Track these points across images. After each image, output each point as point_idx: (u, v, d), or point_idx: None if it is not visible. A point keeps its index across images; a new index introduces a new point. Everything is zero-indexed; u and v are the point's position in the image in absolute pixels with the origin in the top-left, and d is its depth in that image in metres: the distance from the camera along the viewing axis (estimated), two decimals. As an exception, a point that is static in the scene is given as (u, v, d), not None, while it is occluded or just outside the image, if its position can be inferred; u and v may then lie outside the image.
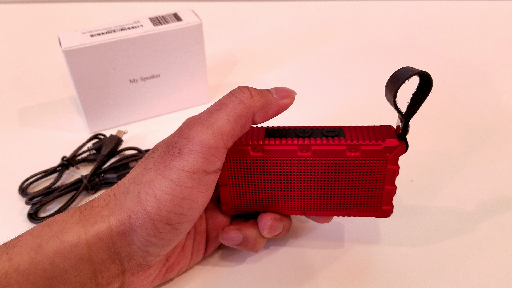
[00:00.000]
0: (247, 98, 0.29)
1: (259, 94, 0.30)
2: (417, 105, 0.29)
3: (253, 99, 0.30)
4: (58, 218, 0.29)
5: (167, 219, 0.28)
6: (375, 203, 0.33)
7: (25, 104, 0.57)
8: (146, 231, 0.28)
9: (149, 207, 0.28)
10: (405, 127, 0.30)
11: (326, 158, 0.32)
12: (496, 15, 0.74)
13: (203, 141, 0.28)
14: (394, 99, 0.28)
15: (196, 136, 0.28)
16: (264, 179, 0.33)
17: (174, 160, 0.28)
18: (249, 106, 0.29)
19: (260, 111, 0.30)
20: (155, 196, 0.28)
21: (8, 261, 0.26)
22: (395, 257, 0.37)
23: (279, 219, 0.34)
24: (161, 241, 0.29)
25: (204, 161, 0.28)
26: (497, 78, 0.59)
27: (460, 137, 0.49)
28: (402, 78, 0.27)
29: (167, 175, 0.28)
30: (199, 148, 0.28)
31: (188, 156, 0.28)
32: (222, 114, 0.29)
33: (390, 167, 0.32)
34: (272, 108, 0.30)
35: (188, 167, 0.28)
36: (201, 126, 0.29)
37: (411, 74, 0.27)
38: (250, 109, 0.29)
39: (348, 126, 0.33)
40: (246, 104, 0.29)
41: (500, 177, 0.44)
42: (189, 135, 0.28)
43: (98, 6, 0.81)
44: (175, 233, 0.29)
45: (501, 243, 0.37)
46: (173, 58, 0.51)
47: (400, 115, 0.30)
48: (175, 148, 0.29)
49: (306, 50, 0.67)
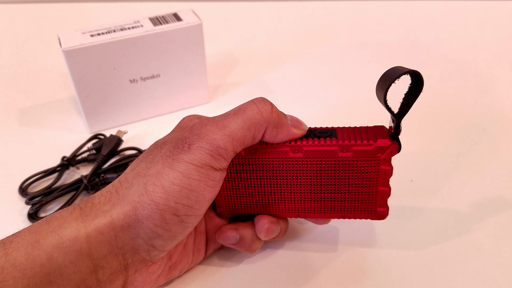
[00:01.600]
0: (266, 111, 0.30)
1: (277, 112, 0.31)
2: (409, 105, 0.29)
3: (272, 114, 0.30)
4: (57, 215, 0.29)
5: (174, 209, 0.28)
6: (369, 205, 0.33)
7: (25, 104, 0.57)
8: (153, 222, 0.28)
9: (157, 198, 0.28)
10: (397, 127, 0.30)
11: (318, 159, 0.31)
12: (495, 15, 0.74)
13: (213, 140, 0.29)
14: (385, 98, 0.28)
15: (208, 135, 0.29)
16: (257, 181, 0.33)
17: (183, 154, 0.29)
18: (266, 120, 0.30)
19: (272, 129, 0.30)
20: (163, 187, 0.28)
21: (4, 256, 0.26)
22: (392, 260, 0.36)
23: (276, 222, 0.34)
24: (167, 233, 0.29)
25: (212, 158, 0.29)
26: (495, 79, 0.59)
27: (458, 137, 0.49)
28: (392, 77, 0.27)
29: (176, 167, 0.28)
30: (208, 146, 0.29)
31: (196, 151, 0.28)
32: (238, 120, 0.29)
33: (383, 167, 0.31)
34: (283, 132, 0.31)
35: (196, 161, 0.28)
36: (214, 126, 0.29)
37: (401, 73, 0.27)
38: (265, 123, 0.30)
39: (341, 127, 0.33)
40: (264, 116, 0.30)
41: (499, 178, 0.44)
42: (201, 132, 0.29)
43: (98, 6, 0.81)
44: (182, 226, 0.29)
45: (500, 245, 0.37)
46: (173, 58, 0.51)
47: (391, 115, 0.30)
48: (185, 143, 0.29)
49: (306, 50, 0.67)
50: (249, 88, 0.59)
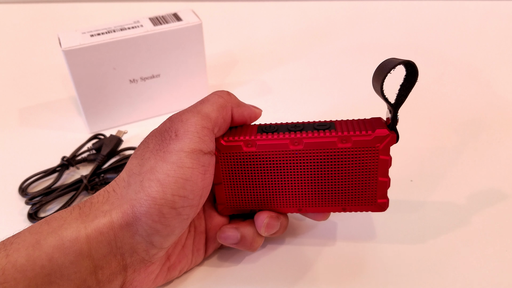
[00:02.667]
0: (225, 95, 0.33)
1: (234, 95, 0.34)
2: (405, 95, 0.30)
3: (230, 96, 0.33)
4: (57, 215, 0.29)
5: (172, 202, 0.28)
6: (370, 196, 0.33)
7: (25, 104, 0.57)
8: (151, 218, 0.28)
9: (153, 192, 0.28)
10: (395, 117, 0.31)
11: (318, 151, 0.32)
12: (495, 15, 0.74)
13: (196, 122, 0.30)
14: (381, 88, 0.29)
15: (189, 119, 0.30)
16: (258, 175, 0.33)
17: (172, 144, 0.30)
18: (228, 100, 0.33)
19: (236, 108, 0.33)
20: (158, 181, 0.28)
21: (5, 257, 0.26)
22: (391, 254, 0.37)
23: (275, 217, 0.34)
24: (166, 228, 0.29)
25: (200, 140, 0.30)
26: (495, 79, 0.59)
27: (457, 135, 0.49)
28: (388, 67, 0.28)
29: (168, 159, 0.29)
30: (193, 128, 0.30)
31: (185, 136, 0.30)
32: (207, 104, 0.32)
33: (382, 157, 0.32)
34: (246, 110, 0.34)
35: (186, 147, 0.29)
36: (190, 112, 0.31)
37: (396, 63, 0.28)
38: (228, 103, 0.33)
39: (339, 120, 0.34)
40: (226, 98, 0.33)
41: (497, 173, 0.44)
42: (182, 119, 0.31)
43: (98, 6, 0.81)
44: (179, 219, 0.29)
45: (499, 239, 0.37)
46: (173, 58, 0.51)
47: (388, 105, 0.31)
48: (171, 132, 0.30)
49: (306, 50, 0.67)
50: (248, 88, 0.59)
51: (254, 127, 0.34)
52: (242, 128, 0.34)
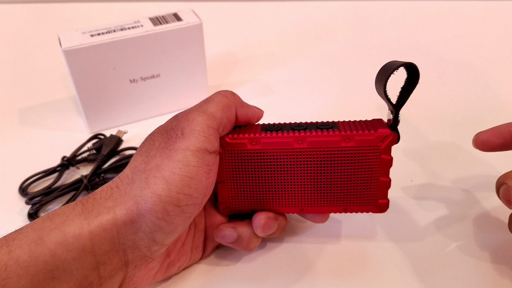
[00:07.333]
0: (229, 95, 0.33)
1: (238, 96, 0.34)
2: (406, 96, 0.31)
3: (234, 96, 0.34)
4: (60, 211, 0.29)
5: (176, 200, 0.28)
6: (371, 196, 0.34)
7: (25, 104, 0.57)
8: (155, 215, 0.28)
9: (159, 189, 0.28)
10: (396, 118, 0.32)
11: (321, 149, 0.32)
12: (495, 15, 0.74)
13: (202, 121, 0.31)
14: (384, 89, 0.30)
15: (195, 118, 0.31)
16: (262, 174, 0.33)
17: (178, 142, 0.30)
18: (232, 100, 0.33)
19: (240, 108, 0.34)
20: (164, 178, 0.28)
21: (8, 253, 0.26)
22: (391, 252, 0.37)
23: (273, 218, 0.34)
24: (169, 225, 0.29)
25: (205, 139, 0.30)
26: (495, 77, 0.59)
27: (458, 135, 0.49)
28: (390, 70, 0.29)
29: (174, 157, 0.29)
30: (199, 127, 0.30)
31: (191, 135, 0.30)
32: (212, 104, 0.32)
33: (384, 157, 0.32)
34: (249, 110, 0.34)
35: (192, 146, 0.29)
36: (196, 112, 0.31)
37: (398, 65, 0.29)
38: (233, 103, 0.33)
39: (341, 121, 0.34)
40: (230, 98, 0.33)
41: (499, 174, 0.44)
42: (188, 118, 0.31)
43: (98, 6, 0.81)
44: (183, 217, 0.29)
45: (499, 239, 0.37)
46: (173, 58, 0.51)
47: (390, 106, 0.31)
48: (177, 130, 0.30)
49: (306, 50, 0.67)
50: (249, 88, 0.59)
51: (258, 126, 0.34)
52: (246, 127, 0.34)
